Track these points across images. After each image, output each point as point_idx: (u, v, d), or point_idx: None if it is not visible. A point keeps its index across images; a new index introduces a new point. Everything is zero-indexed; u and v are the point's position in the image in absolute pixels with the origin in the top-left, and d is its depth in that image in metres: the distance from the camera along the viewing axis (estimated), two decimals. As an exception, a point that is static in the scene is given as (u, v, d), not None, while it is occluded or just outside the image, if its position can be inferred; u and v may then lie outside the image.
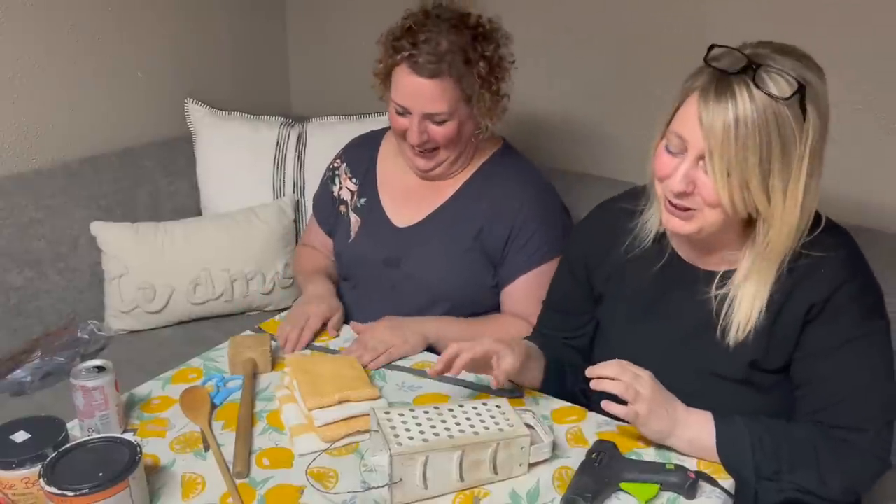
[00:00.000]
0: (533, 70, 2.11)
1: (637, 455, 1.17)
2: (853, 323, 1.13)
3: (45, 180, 1.97)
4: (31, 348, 1.83)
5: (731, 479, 1.12)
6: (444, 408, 1.16)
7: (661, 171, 1.13)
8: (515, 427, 1.12)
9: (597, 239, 1.35)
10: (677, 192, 1.10)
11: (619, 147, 2.02)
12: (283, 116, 2.28)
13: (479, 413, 1.15)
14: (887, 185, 1.71)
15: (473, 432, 1.10)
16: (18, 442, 1.06)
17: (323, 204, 1.79)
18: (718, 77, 1.05)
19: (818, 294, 1.13)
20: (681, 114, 1.09)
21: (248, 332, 1.53)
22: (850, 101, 1.68)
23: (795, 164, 1.05)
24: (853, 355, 1.14)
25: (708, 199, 1.09)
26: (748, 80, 1.03)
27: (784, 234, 1.09)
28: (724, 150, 1.03)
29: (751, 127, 1.02)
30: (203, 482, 1.12)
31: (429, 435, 1.08)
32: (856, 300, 1.13)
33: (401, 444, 1.06)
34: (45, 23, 1.97)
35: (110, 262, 1.96)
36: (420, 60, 1.44)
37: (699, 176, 1.08)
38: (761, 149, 1.03)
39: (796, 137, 1.04)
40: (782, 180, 1.05)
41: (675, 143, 1.10)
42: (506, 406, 1.17)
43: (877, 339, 1.15)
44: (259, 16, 2.52)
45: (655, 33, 1.90)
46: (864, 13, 1.63)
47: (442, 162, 1.57)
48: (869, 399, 1.14)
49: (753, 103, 1.02)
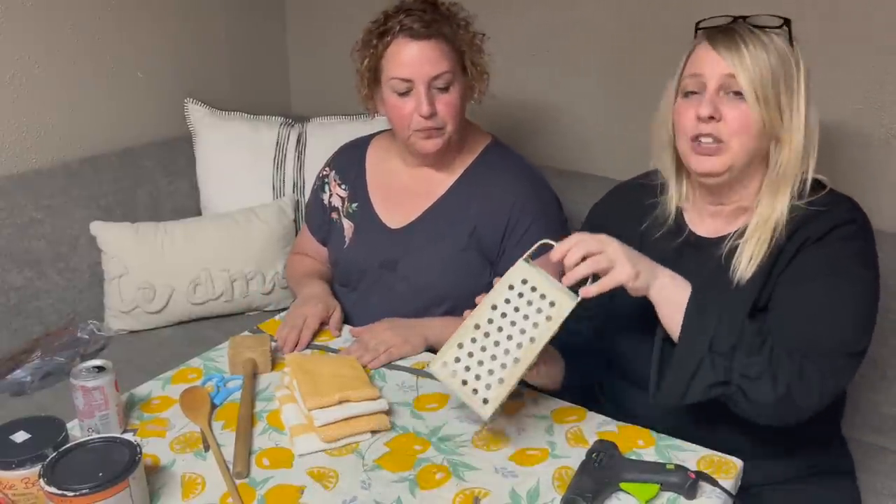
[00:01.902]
0: (532, 70, 2.12)
1: (637, 455, 1.17)
2: (838, 259, 1.18)
3: (45, 180, 1.97)
4: (31, 348, 1.83)
5: (731, 479, 1.12)
6: (487, 324, 1.13)
7: (683, 119, 1.23)
8: (558, 305, 1.11)
9: (614, 214, 1.39)
10: (706, 115, 1.18)
11: (619, 147, 2.02)
12: (282, 116, 2.28)
13: (518, 308, 1.13)
14: (887, 186, 1.71)
15: (530, 339, 1.12)
16: (18, 442, 1.06)
17: (315, 212, 1.79)
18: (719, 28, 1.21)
19: (815, 231, 1.20)
20: (693, 59, 1.23)
21: (248, 332, 1.53)
22: (851, 101, 1.69)
23: (795, 88, 1.20)
24: (829, 284, 1.17)
25: (734, 125, 1.18)
26: (743, 24, 1.20)
27: (793, 154, 1.20)
28: (746, 70, 1.17)
29: (760, 53, 1.17)
30: (203, 482, 1.12)
31: (499, 373, 1.12)
32: (848, 241, 1.19)
33: (487, 402, 1.12)
34: (45, 23, 1.97)
35: (110, 262, 1.96)
36: (415, 26, 1.49)
37: (724, 105, 1.19)
38: (773, 72, 1.17)
39: (792, 64, 1.19)
40: (788, 100, 1.19)
41: (693, 84, 1.22)
42: (533, 275, 1.14)
43: (857, 283, 1.18)
44: (258, 16, 2.52)
45: (655, 33, 1.90)
46: (865, 13, 1.64)
47: (447, 140, 1.56)
48: (827, 326, 1.15)
49: (755, 36, 1.18)
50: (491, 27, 1.63)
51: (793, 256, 1.20)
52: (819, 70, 1.61)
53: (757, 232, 1.23)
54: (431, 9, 1.53)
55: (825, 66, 1.66)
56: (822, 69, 1.64)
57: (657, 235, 1.32)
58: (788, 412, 1.15)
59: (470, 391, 1.13)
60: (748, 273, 1.22)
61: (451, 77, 1.52)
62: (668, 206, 1.33)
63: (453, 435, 1.22)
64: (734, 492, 1.12)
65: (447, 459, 1.17)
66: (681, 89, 1.24)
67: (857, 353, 1.18)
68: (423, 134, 1.53)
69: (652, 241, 1.32)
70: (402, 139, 1.58)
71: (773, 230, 1.22)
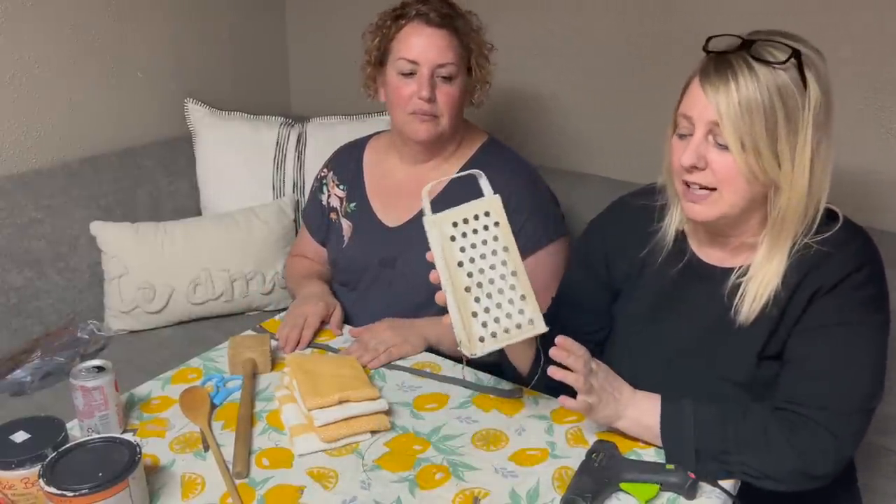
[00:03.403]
0: (532, 70, 2.12)
1: (637, 455, 1.17)
2: (852, 308, 1.13)
3: (45, 180, 1.97)
4: (31, 348, 1.83)
5: (731, 479, 1.12)
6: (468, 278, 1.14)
7: (675, 160, 1.16)
8: (494, 216, 1.17)
9: (618, 235, 1.35)
10: (688, 165, 1.12)
11: (618, 147, 2.02)
12: (283, 116, 2.29)
13: (474, 246, 1.16)
14: (887, 186, 1.71)
15: (511, 272, 1.14)
16: (18, 442, 1.06)
17: (313, 214, 1.80)
18: (716, 58, 1.11)
19: (827, 279, 1.13)
20: (686, 98, 1.15)
21: (248, 332, 1.53)
22: (851, 101, 1.68)
23: (801, 131, 1.08)
24: (842, 338, 1.13)
25: (721, 174, 1.11)
26: (744, 55, 1.08)
27: (795, 200, 1.11)
28: (730, 119, 1.08)
29: (752, 95, 1.06)
30: (203, 482, 1.12)
31: (518, 302, 1.15)
32: (860, 289, 1.14)
33: (532, 322, 1.14)
34: (45, 23, 1.98)
35: (110, 262, 1.96)
36: (431, 14, 1.54)
37: (711, 153, 1.12)
38: (766, 116, 1.07)
39: (799, 104, 1.08)
40: (790, 146, 1.09)
41: (684, 126, 1.14)
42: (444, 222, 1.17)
43: (871, 332, 1.14)
44: (259, 16, 2.52)
45: (655, 33, 1.90)
46: (865, 13, 1.63)
47: (441, 132, 1.58)
48: (843, 383, 1.12)
49: (752, 73, 1.07)
50: (492, 28, 1.64)
51: (805, 306, 1.15)
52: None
53: (760, 273, 1.17)
54: (449, 6, 1.58)
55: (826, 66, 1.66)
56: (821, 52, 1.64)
57: (659, 261, 1.28)
58: (813, 468, 1.11)
59: (516, 327, 1.14)
60: (751, 316, 1.17)
61: (455, 70, 1.55)
62: (670, 229, 1.28)
63: (453, 435, 1.22)
64: (734, 492, 1.11)
65: (447, 459, 1.17)
66: (676, 125, 1.17)
67: (874, 407, 1.15)
68: (418, 118, 1.55)
69: (652, 267, 1.29)
70: (398, 123, 1.60)
71: (775, 275, 1.16)
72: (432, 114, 1.55)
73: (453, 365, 1.41)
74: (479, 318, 1.13)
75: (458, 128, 1.63)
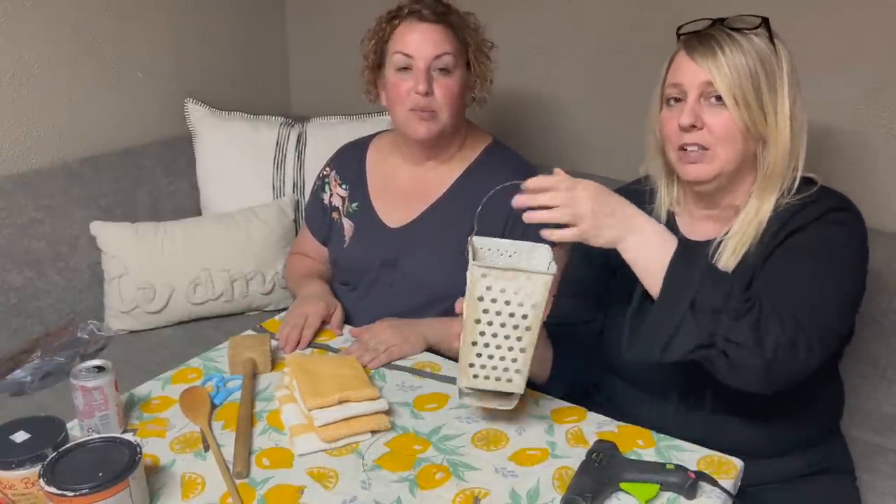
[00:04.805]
0: (532, 70, 2.12)
1: (637, 455, 1.17)
2: (832, 237, 1.19)
3: (45, 180, 1.97)
4: (31, 348, 1.83)
5: (731, 479, 1.12)
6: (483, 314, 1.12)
7: (667, 128, 1.24)
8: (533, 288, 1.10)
9: None
10: (687, 124, 1.19)
11: (617, 147, 2.02)
12: (283, 116, 2.29)
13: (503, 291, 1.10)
14: (887, 186, 1.71)
15: (526, 328, 1.11)
16: (18, 442, 1.06)
17: (315, 213, 1.80)
18: (697, 34, 1.22)
19: (808, 216, 1.20)
20: (672, 67, 1.25)
21: (248, 332, 1.53)
22: (851, 101, 1.69)
23: (779, 88, 1.20)
24: (819, 263, 1.17)
25: (717, 132, 1.20)
26: (721, 27, 1.21)
27: (780, 154, 1.21)
28: (723, 77, 1.18)
29: (738, 57, 1.18)
30: (203, 482, 1.12)
31: (518, 363, 1.14)
32: (840, 225, 1.20)
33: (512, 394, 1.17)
34: (45, 23, 1.98)
35: (110, 262, 1.96)
36: (424, 12, 1.54)
37: (706, 114, 1.20)
38: (751, 75, 1.18)
39: (774, 65, 1.20)
40: (772, 100, 1.20)
41: (674, 92, 1.23)
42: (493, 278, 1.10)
43: (845, 267, 1.18)
44: (259, 16, 2.52)
45: (656, 33, 1.89)
46: (864, 13, 1.63)
47: (441, 129, 1.57)
48: (813, 295, 1.13)
49: (733, 40, 1.19)
50: (491, 28, 1.64)
51: (783, 240, 1.20)
52: (819, 70, 1.62)
53: (742, 227, 1.24)
54: (443, 5, 1.58)
55: (825, 67, 1.66)
56: (822, 69, 1.64)
57: None
58: (773, 380, 1.10)
59: (502, 384, 1.15)
60: (730, 266, 1.23)
61: (451, 61, 1.54)
62: (659, 211, 1.34)
63: (453, 435, 1.22)
64: (734, 492, 1.11)
65: (447, 459, 1.17)
66: (664, 98, 1.26)
67: (840, 333, 1.18)
68: (417, 115, 1.54)
69: None
70: (398, 122, 1.59)
71: (759, 225, 1.22)
72: (430, 109, 1.54)
73: (453, 365, 1.41)
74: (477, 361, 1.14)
75: (459, 126, 1.62)
